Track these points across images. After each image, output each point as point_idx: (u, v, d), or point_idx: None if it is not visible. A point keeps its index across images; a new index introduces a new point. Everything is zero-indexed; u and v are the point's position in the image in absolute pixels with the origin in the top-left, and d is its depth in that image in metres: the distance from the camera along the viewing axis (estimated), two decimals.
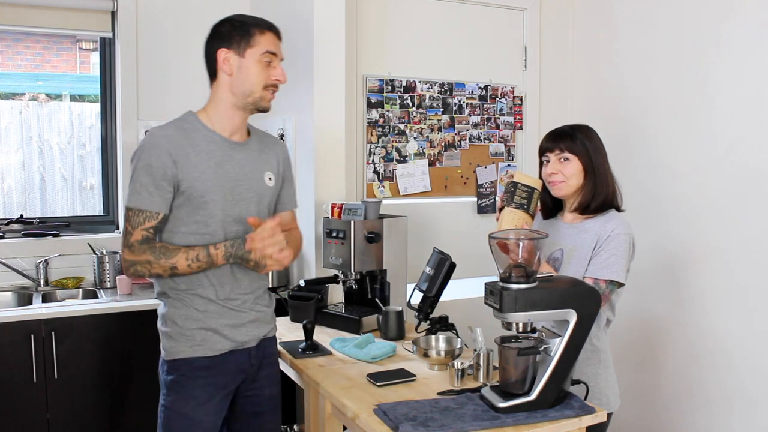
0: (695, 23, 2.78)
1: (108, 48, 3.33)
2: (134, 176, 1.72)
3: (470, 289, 3.05)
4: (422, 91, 3.23)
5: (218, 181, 1.76)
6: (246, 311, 1.84)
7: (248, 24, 1.79)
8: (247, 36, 1.77)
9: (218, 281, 1.79)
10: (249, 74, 1.77)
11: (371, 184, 3.13)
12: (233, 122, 1.82)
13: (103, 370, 2.71)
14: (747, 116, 2.57)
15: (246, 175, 1.82)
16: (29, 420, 2.58)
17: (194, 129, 1.78)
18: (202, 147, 1.76)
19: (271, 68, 1.80)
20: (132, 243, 1.71)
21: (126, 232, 1.73)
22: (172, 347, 1.79)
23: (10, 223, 3.18)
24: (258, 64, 1.77)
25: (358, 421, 1.66)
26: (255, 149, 1.88)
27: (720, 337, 2.69)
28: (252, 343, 1.87)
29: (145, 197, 1.71)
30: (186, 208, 1.75)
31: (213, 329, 1.79)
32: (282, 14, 3.04)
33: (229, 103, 1.80)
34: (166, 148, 1.71)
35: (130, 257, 1.72)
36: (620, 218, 1.98)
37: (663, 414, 2.94)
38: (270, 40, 1.80)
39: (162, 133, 1.76)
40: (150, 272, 1.72)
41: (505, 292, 1.58)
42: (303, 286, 2.51)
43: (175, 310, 1.79)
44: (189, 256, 1.71)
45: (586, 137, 1.99)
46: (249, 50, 1.77)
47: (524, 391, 1.63)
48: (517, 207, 1.97)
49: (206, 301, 1.78)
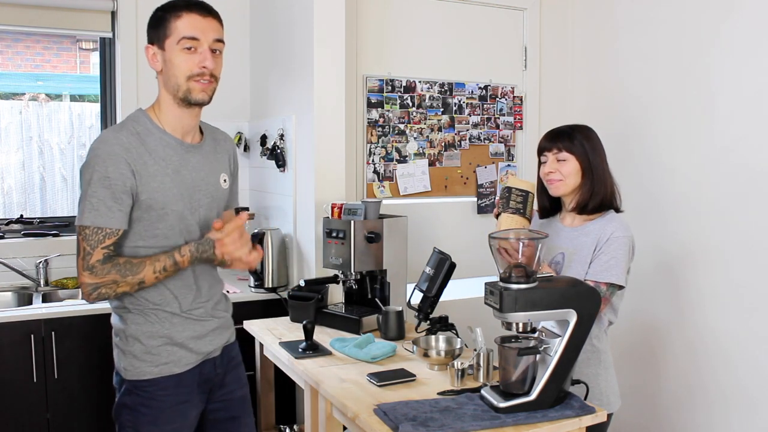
0: (695, 23, 2.78)
1: (108, 48, 3.33)
2: (89, 190, 1.56)
3: (470, 289, 3.05)
4: (422, 91, 3.23)
5: (177, 189, 1.65)
6: (208, 319, 1.75)
7: (165, 9, 1.62)
8: (163, 24, 1.61)
9: (180, 293, 1.70)
10: (172, 67, 1.61)
11: (371, 184, 3.13)
12: (182, 122, 1.69)
13: (103, 370, 2.70)
14: (747, 116, 2.57)
15: (203, 180, 1.72)
16: (29, 420, 2.58)
17: (148, 132, 1.65)
18: (158, 153, 1.64)
19: (195, 54, 1.60)
20: (93, 265, 1.56)
21: (84, 253, 1.57)
22: (136, 367, 1.66)
23: (10, 223, 3.18)
24: (178, 54, 1.60)
25: (358, 421, 1.66)
26: (209, 150, 1.78)
27: (720, 337, 2.69)
28: (217, 353, 1.79)
29: (104, 213, 1.56)
30: (145, 221, 1.63)
31: (179, 344, 1.69)
32: (282, 14, 3.05)
33: (169, 101, 1.66)
34: (123, 157, 1.57)
35: (92, 280, 1.56)
36: (619, 220, 1.98)
37: (663, 414, 2.94)
38: (187, 23, 1.59)
39: (116, 140, 1.59)
40: (116, 292, 1.59)
41: (505, 292, 1.58)
42: (303, 286, 2.51)
43: (137, 327, 1.67)
44: (156, 268, 1.60)
45: (585, 137, 1.99)
46: (167, 41, 1.60)
47: (524, 391, 1.63)
48: (513, 212, 1.98)
49: (169, 314, 1.69)
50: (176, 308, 1.69)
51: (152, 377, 1.66)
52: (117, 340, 1.71)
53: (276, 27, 3.09)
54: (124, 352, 1.68)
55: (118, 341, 1.71)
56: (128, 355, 1.67)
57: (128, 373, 1.68)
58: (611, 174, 2.02)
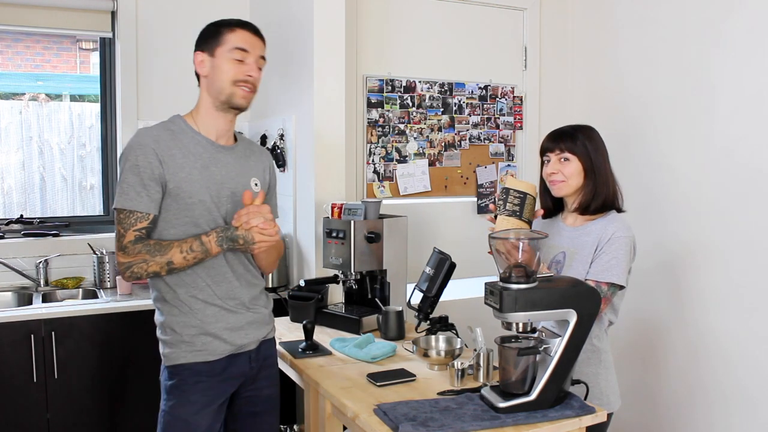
0: (695, 23, 2.78)
1: (108, 48, 3.34)
2: (122, 177, 1.73)
3: (470, 289, 3.05)
4: (422, 91, 3.23)
5: (204, 182, 1.77)
6: (242, 312, 1.84)
7: (219, 24, 1.82)
8: (217, 35, 1.79)
9: (213, 281, 1.79)
10: (220, 72, 1.78)
11: (371, 184, 3.13)
12: (218, 125, 1.84)
13: (103, 370, 2.71)
14: (747, 116, 2.57)
15: (232, 179, 1.83)
16: (29, 420, 2.58)
17: (181, 131, 1.79)
18: (189, 149, 1.77)
19: (244, 65, 1.79)
20: (125, 245, 1.70)
21: (119, 234, 1.72)
22: (171, 353, 1.79)
23: (10, 223, 3.18)
24: (228, 61, 1.78)
25: (358, 421, 1.66)
26: (241, 154, 1.90)
27: (720, 337, 2.69)
28: (252, 346, 1.87)
29: (134, 197, 1.70)
30: (174, 209, 1.75)
31: (212, 334, 1.78)
32: (282, 14, 3.05)
33: (209, 104, 1.82)
34: (152, 147, 1.72)
35: (125, 259, 1.70)
36: (621, 220, 1.98)
37: (663, 414, 2.94)
38: (240, 37, 1.79)
39: (148, 133, 1.76)
40: (147, 271, 1.70)
41: (505, 292, 1.58)
42: (303, 286, 2.51)
43: (172, 318, 1.79)
44: (183, 248, 1.70)
45: (587, 138, 1.99)
46: (218, 49, 1.78)
47: (524, 391, 1.63)
48: (509, 214, 1.91)
49: (204, 305, 1.78)
50: (210, 295, 1.79)
51: (186, 362, 1.77)
52: (159, 332, 1.84)
53: (276, 27, 3.09)
54: (164, 342, 1.81)
55: (159, 333, 1.83)
56: (167, 343, 1.80)
57: (166, 359, 1.80)
58: (613, 174, 2.02)
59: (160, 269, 1.71)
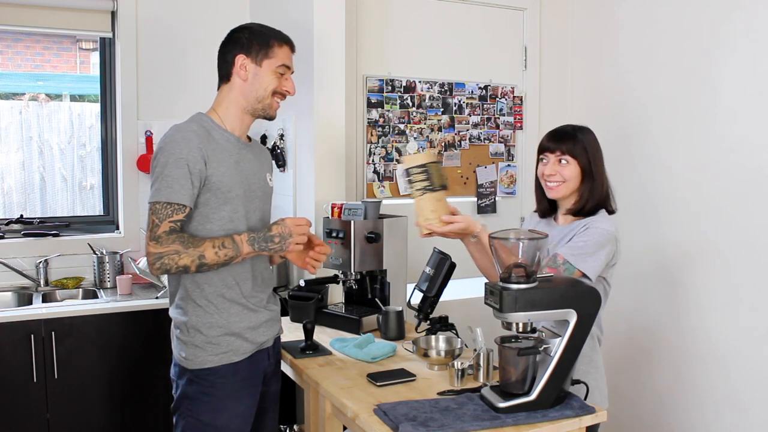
0: (696, 23, 2.78)
1: (108, 48, 3.33)
2: (165, 170, 1.71)
3: (470, 289, 3.04)
4: (422, 91, 3.23)
5: (239, 177, 1.82)
6: (261, 310, 1.88)
7: (268, 35, 1.86)
8: (266, 47, 1.84)
9: (240, 279, 1.82)
10: (263, 82, 1.84)
11: (371, 184, 3.13)
12: (242, 125, 1.89)
13: (103, 370, 2.71)
14: (748, 117, 2.57)
15: (255, 175, 1.90)
16: (29, 420, 2.58)
17: (212, 128, 1.83)
18: (222, 145, 1.82)
19: (284, 80, 1.88)
20: (159, 235, 1.69)
21: (152, 225, 1.70)
22: (197, 356, 1.78)
23: (10, 223, 3.18)
24: (272, 74, 1.85)
25: (358, 421, 1.66)
26: (257, 151, 1.98)
27: (716, 339, 2.69)
28: (269, 343, 1.92)
29: (177, 190, 1.71)
30: (212, 204, 1.77)
31: (236, 334, 1.81)
32: (282, 14, 3.05)
33: (239, 106, 1.86)
34: (196, 142, 1.74)
35: (156, 250, 1.68)
36: (606, 218, 1.98)
37: (659, 415, 2.94)
38: (286, 54, 1.88)
39: (188, 128, 1.77)
40: (177, 264, 1.68)
41: (505, 292, 1.58)
42: (303, 286, 2.51)
43: (198, 318, 1.79)
44: (215, 244, 1.71)
45: (587, 140, 1.99)
46: (266, 61, 1.84)
47: (524, 391, 1.63)
48: (422, 192, 1.90)
49: (230, 303, 1.81)
50: (237, 294, 1.82)
51: (213, 366, 1.78)
52: (178, 332, 1.83)
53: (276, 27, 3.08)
54: (185, 343, 1.79)
55: (178, 333, 1.82)
56: (190, 345, 1.79)
57: (190, 362, 1.78)
58: (607, 177, 2.02)
59: (191, 263, 1.69)
